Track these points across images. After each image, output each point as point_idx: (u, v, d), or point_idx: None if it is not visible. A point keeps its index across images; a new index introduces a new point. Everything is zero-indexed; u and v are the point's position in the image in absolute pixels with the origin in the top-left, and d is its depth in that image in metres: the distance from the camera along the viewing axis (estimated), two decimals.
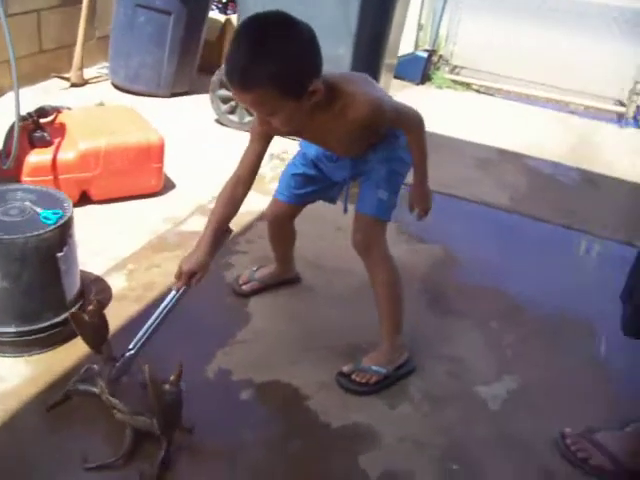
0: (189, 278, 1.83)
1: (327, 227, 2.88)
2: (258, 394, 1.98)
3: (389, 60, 3.72)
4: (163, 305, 1.86)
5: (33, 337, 1.97)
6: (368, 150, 1.96)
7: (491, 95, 5.45)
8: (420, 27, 5.65)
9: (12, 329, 1.94)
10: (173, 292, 1.87)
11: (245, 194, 1.90)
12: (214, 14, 4.58)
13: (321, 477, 1.74)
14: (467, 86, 5.55)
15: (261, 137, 1.86)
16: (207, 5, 4.22)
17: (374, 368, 2.03)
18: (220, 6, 4.73)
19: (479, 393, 2.10)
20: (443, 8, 5.58)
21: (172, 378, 1.64)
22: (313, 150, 2.06)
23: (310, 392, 2.01)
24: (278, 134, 1.88)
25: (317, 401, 1.98)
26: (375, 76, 3.56)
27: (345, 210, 2.13)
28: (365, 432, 1.89)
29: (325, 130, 1.85)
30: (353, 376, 2.04)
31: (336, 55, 3.43)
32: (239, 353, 2.13)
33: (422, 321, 2.40)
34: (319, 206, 2.27)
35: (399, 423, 1.94)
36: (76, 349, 1.96)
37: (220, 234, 1.90)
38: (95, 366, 1.85)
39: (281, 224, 2.29)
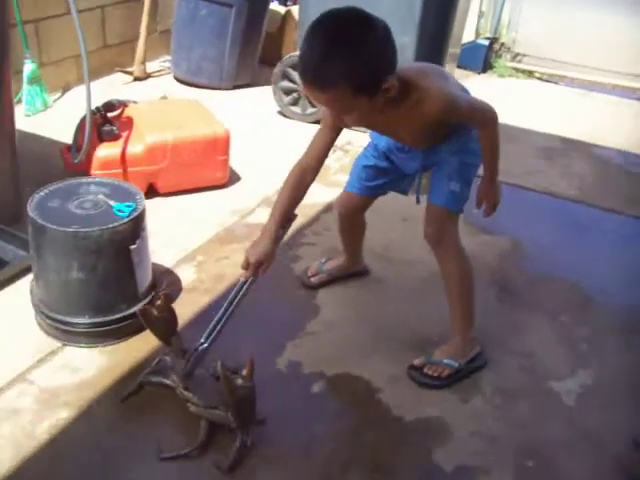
0: (257, 268, 1.82)
1: (394, 218, 2.86)
2: (329, 387, 1.98)
3: (453, 49, 3.66)
4: (232, 296, 1.86)
5: (107, 328, 2.01)
6: (440, 141, 1.93)
7: (555, 83, 5.32)
8: (481, 14, 5.55)
9: (87, 320, 1.98)
10: (241, 283, 1.86)
11: (311, 183, 1.89)
12: (274, 6, 4.58)
13: (395, 470, 1.73)
14: (529, 74, 5.43)
15: (331, 128, 1.84)
16: None
17: (446, 361, 2.01)
18: None
19: (552, 388, 2.06)
20: None
21: (245, 372, 1.64)
22: (384, 142, 2.04)
23: (381, 385, 1.99)
24: (349, 127, 1.86)
25: (388, 394, 1.96)
26: (439, 65, 3.50)
27: (418, 201, 2.11)
28: (438, 426, 1.87)
29: (397, 123, 1.83)
30: (425, 369, 2.02)
31: (400, 44, 3.28)
32: (309, 345, 2.13)
33: (491, 314, 2.36)
34: (384, 197, 2.24)
35: (472, 417, 1.92)
36: (148, 340, 1.98)
37: (285, 222, 1.88)
38: (167, 358, 1.88)
39: (352, 216, 2.28)
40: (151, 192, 2.88)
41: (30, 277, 2.16)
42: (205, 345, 1.82)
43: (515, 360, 2.15)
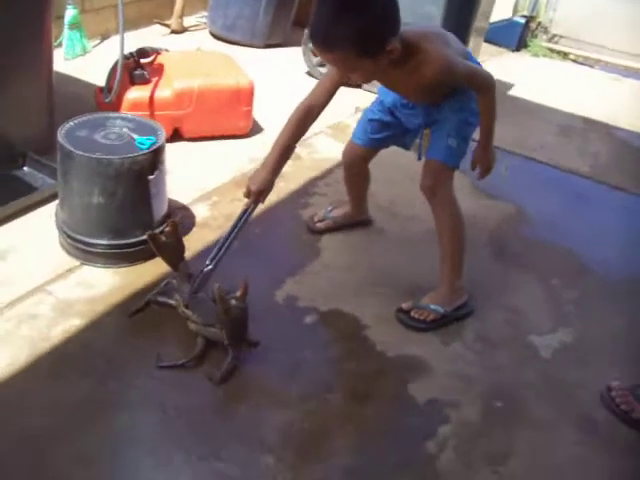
0: (257, 197, 1.99)
1: (400, 175, 2.97)
2: (321, 320, 2.14)
3: (480, 23, 3.74)
4: (234, 222, 2.04)
5: (122, 251, 2.18)
6: (441, 100, 2.05)
7: (589, 66, 5.32)
8: None
9: (105, 241, 2.16)
10: (243, 210, 2.04)
11: (313, 122, 2.03)
12: None
13: (370, 397, 1.88)
14: (564, 55, 5.44)
15: (338, 75, 1.96)
16: None
17: (432, 307, 2.15)
18: None
19: (532, 341, 2.19)
20: None
21: (238, 294, 1.81)
22: (390, 97, 2.16)
23: (369, 323, 2.15)
24: (353, 82, 1.97)
25: (375, 331, 2.11)
26: (464, 37, 3.59)
27: (419, 157, 2.23)
28: (417, 364, 2.02)
29: (401, 82, 1.98)
30: (412, 313, 2.16)
31: (428, 13, 3.48)
32: (307, 283, 2.28)
33: (485, 270, 2.49)
34: (393, 154, 2.36)
35: (450, 359, 2.06)
36: (159, 265, 2.14)
37: (286, 153, 2.03)
38: (174, 281, 2.06)
39: (356, 166, 2.42)
40: (176, 136, 3.04)
41: (56, 203, 2.33)
42: (210, 267, 1.99)
43: (501, 313, 2.29)
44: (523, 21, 5.37)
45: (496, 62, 4.94)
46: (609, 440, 1.89)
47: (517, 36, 5.36)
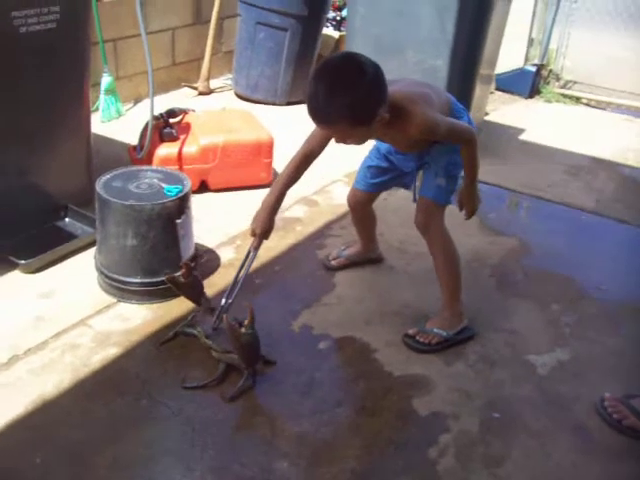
0: (262, 237, 2.24)
1: (411, 218, 3.17)
2: (334, 346, 2.34)
3: (485, 71, 3.98)
4: (243, 261, 2.29)
5: (154, 288, 2.43)
6: (430, 147, 2.28)
7: (601, 109, 5.47)
8: (531, 42, 5.78)
9: (138, 280, 2.41)
10: (249, 250, 2.28)
11: (310, 165, 2.26)
12: (328, 31, 5.02)
13: (377, 411, 2.07)
14: (577, 100, 5.60)
15: None
16: (320, 23, 4.66)
17: (435, 330, 2.35)
18: (334, 24, 5.17)
19: (530, 360, 2.35)
20: (553, 23, 5.63)
21: (246, 322, 2.02)
22: (384, 145, 2.41)
23: (378, 347, 2.34)
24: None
25: (383, 354, 2.31)
26: (469, 86, 3.85)
27: (414, 200, 2.46)
28: (421, 381, 2.21)
29: (391, 138, 2.23)
30: (417, 337, 2.36)
31: (434, 66, 3.75)
32: (322, 313, 2.50)
33: (488, 299, 2.67)
34: (402, 200, 2.56)
35: (452, 377, 2.24)
36: (186, 301, 2.38)
37: (283, 196, 2.26)
38: (199, 314, 2.29)
39: (361, 209, 2.65)
40: (203, 188, 3.32)
41: (94, 249, 2.60)
42: (229, 301, 2.21)
43: (501, 336, 2.46)
44: (534, 69, 5.57)
45: (509, 109, 5.17)
46: (602, 447, 2.03)
47: (529, 83, 5.56)
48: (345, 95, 1.87)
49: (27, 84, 2.58)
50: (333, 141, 2.09)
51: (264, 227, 2.23)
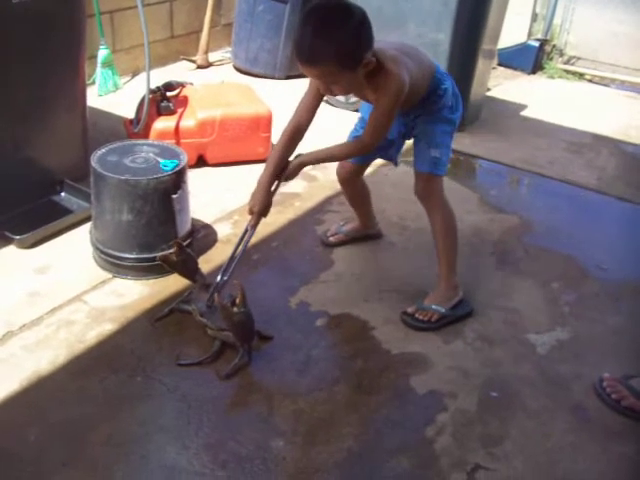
0: (259, 216, 2.21)
1: (410, 193, 3.14)
2: (331, 323, 2.32)
3: (488, 46, 3.91)
4: (239, 238, 2.25)
5: (150, 264, 2.40)
6: (413, 108, 2.25)
7: (605, 85, 5.41)
8: (534, 16, 5.71)
9: (133, 255, 2.38)
10: (246, 228, 2.25)
11: (300, 139, 2.24)
12: None
13: (374, 389, 2.05)
14: (580, 76, 5.53)
15: (317, 91, 2.16)
16: None
17: (434, 307, 2.33)
18: None
19: (529, 339, 2.34)
20: None
21: (237, 300, 1.99)
22: (368, 113, 2.35)
23: (376, 325, 2.32)
24: (333, 95, 2.15)
25: (381, 332, 2.29)
26: (472, 61, 3.79)
27: (395, 164, 2.49)
28: (419, 359, 2.19)
29: (370, 96, 2.14)
30: (417, 315, 2.34)
31: (436, 39, 3.69)
32: (319, 290, 2.47)
33: (488, 277, 2.65)
34: (404, 175, 2.52)
35: (450, 355, 2.22)
36: (181, 278, 2.35)
37: (279, 173, 2.22)
38: (195, 290, 2.26)
39: (351, 181, 2.62)
40: (201, 162, 3.29)
41: (89, 224, 2.57)
42: (225, 278, 2.19)
43: (500, 314, 2.44)
44: (537, 44, 5.50)
45: (512, 85, 5.12)
46: (601, 427, 2.02)
47: (532, 59, 5.49)
48: (333, 34, 1.87)
49: (21, 56, 2.53)
50: (326, 114, 2.05)
51: (261, 205, 2.20)
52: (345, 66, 1.92)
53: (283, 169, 2.23)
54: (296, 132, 2.23)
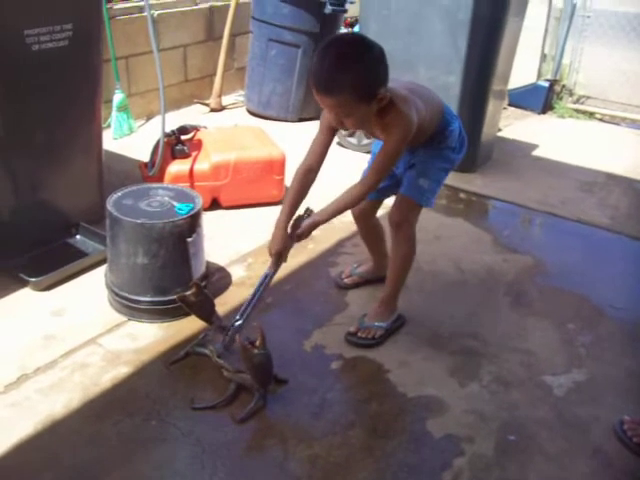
0: (278, 258, 2.23)
1: (428, 236, 3.17)
2: (346, 366, 2.31)
3: (498, 87, 3.96)
4: (260, 281, 2.26)
5: (164, 307, 2.41)
6: (419, 145, 2.29)
7: (615, 124, 5.44)
8: (544, 57, 5.77)
9: (148, 298, 2.39)
10: (266, 272, 2.27)
11: (314, 179, 2.26)
12: None
13: (390, 434, 2.03)
14: (590, 115, 5.57)
15: (329, 130, 2.21)
16: None
17: (377, 324, 2.41)
18: None
19: (546, 381, 2.31)
20: (566, 38, 5.63)
21: (258, 342, 1.99)
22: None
23: (391, 368, 2.31)
24: (344, 129, 2.20)
25: (396, 375, 2.28)
26: (482, 102, 3.83)
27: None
28: (435, 403, 2.17)
29: (379, 134, 2.18)
30: (359, 333, 2.41)
31: (446, 82, 3.74)
32: (334, 333, 2.46)
33: (503, 318, 2.64)
34: (421, 218, 2.50)
35: (467, 398, 2.20)
36: (197, 320, 2.35)
37: (294, 212, 2.24)
38: (210, 333, 2.27)
39: (365, 219, 2.63)
40: (215, 205, 3.31)
41: (105, 267, 2.58)
42: (240, 321, 2.19)
43: (516, 356, 2.42)
44: (547, 84, 5.55)
45: (522, 125, 5.15)
46: (621, 472, 1.99)
47: (542, 99, 5.54)
48: (352, 66, 1.92)
49: (39, 101, 2.58)
50: (338, 156, 2.07)
51: (278, 245, 2.21)
52: (360, 98, 1.95)
53: (297, 224, 2.24)
54: (309, 173, 2.25)
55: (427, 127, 2.23)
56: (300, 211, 2.29)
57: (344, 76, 1.91)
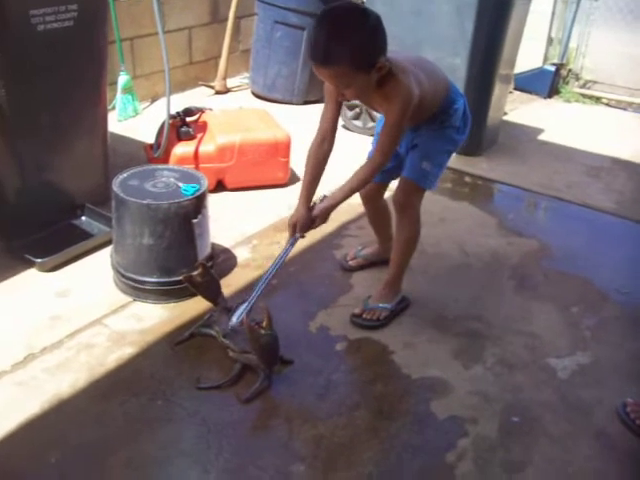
0: (294, 228, 2.25)
1: (433, 218, 3.16)
2: (350, 347, 2.32)
3: (504, 71, 3.93)
4: (279, 256, 2.28)
5: (170, 288, 2.41)
6: (422, 124, 2.27)
7: (622, 109, 5.40)
8: (550, 41, 5.73)
9: (154, 279, 2.40)
10: (287, 245, 2.28)
11: (330, 150, 2.25)
12: None
13: (395, 415, 2.04)
14: (597, 100, 5.53)
15: (334, 102, 2.19)
16: None
17: (381, 305, 2.41)
18: None
19: (550, 364, 2.32)
20: (573, 21, 5.58)
21: (264, 323, 2.00)
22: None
23: (396, 349, 2.32)
24: (349, 100, 2.17)
25: (401, 356, 2.28)
26: (488, 86, 3.81)
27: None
28: (439, 384, 2.18)
29: (379, 104, 2.16)
30: (364, 315, 2.41)
31: (452, 64, 3.71)
32: (339, 314, 2.47)
33: (507, 301, 2.64)
34: (426, 201, 2.50)
35: (471, 380, 2.21)
36: (202, 301, 2.36)
37: (313, 186, 2.28)
38: (215, 314, 2.27)
39: (373, 200, 2.63)
40: (220, 187, 3.31)
41: (110, 248, 2.59)
42: (253, 301, 2.20)
43: (520, 339, 2.43)
44: (553, 69, 5.51)
45: (528, 109, 5.12)
46: (624, 454, 2.00)
47: (548, 83, 5.50)
48: (348, 35, 1.89)
49: (44, 82, 2.57)
50: (344, 139, 2.06)
51: (294, 218, 2.24)
52: (359, 68, 1.93)
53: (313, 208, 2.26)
54: (323, 144, 2.24)
55: (430, 102, 2.20)
56: (316, 196, 2.30)
57: (341, 46, 1.88)
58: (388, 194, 2.65)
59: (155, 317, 2.36)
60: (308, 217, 2.23)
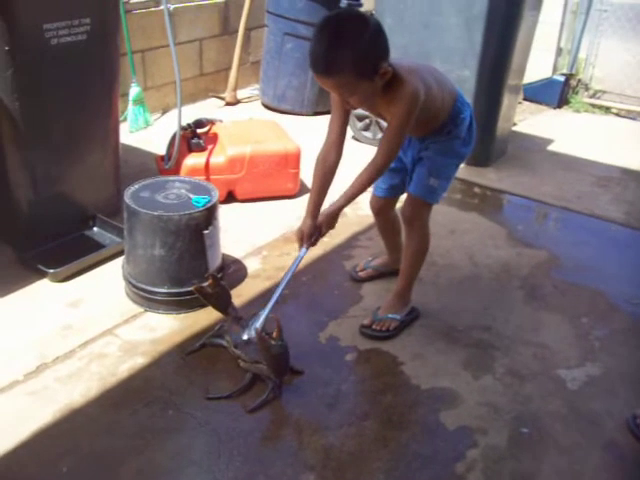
0: (301, 239, 2.26)
1: (444, 230, 3.18)
2: (360, 358, 2.33)
3: (513, 81, 3.95)
4: (289, 269, 2.29)
5: (181, 298, 2.43)
6: (429, 135, 2.27)
7: (631, 119, 5.41)
8: (559, 51, 5.73)
9: (165, 290, 2.42)
10: (298, 254, 2.28)
11: (338, 160, 2.24)
12: None
13: (404, 425, 2.05)
14: (606, 110, 5.54)
15: (341, 110, 2.19)
16: None
17: (390, 316, 2.42)
18: None
19: (559, 374, 2.32)
20: (582, 32, 5.60)
21: (274, 334, 2.01)
22: None
23: (405, 360, 2.32)
24: (355, 109, 2.18)
25: (410, 367, 2.29)
26: (498, 96, 3.83)
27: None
28: (448, 395, 2.18)
29: (385, 111, 2.14)
30: (374, 326, 2.42)
31: (461, 76, 3.73)
32: (348, 325, 2.48)
33: (517, 312, 2.64)
34: (435, 212, 2.51)
35: (480, 391, 2.21)
36: (213, 311, 2.37)
37: (321, 198, 2.28)
38: (226, 324, 2.29)
39: (382, 214, 2.64)
40: (230, 198, 3.33)
41: (121, 259, 2.61)
42: (266, 312, 2.21)
43: (530, 350, 2.43)
44: (563, 79, 5.53)
45: (537, 120, 5.14)
46: (634, 465, 2.00)
47: (558, 93, 5.52)
48: (349, 43, 1.87)
49: (57, 95, 2.61)
50: (353, 150, 2.06)
51: (302, 229, 2.25)
52: (362, 75, 1.92)
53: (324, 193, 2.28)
54: (330, 153, 2.24)
55: (439, 109, 2.19)
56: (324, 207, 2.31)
57: (342, 55, 1.86)
58: (399, 204, 2.66)
59: (166, 327, 2.38)
60: (314, 227, 2.24)
